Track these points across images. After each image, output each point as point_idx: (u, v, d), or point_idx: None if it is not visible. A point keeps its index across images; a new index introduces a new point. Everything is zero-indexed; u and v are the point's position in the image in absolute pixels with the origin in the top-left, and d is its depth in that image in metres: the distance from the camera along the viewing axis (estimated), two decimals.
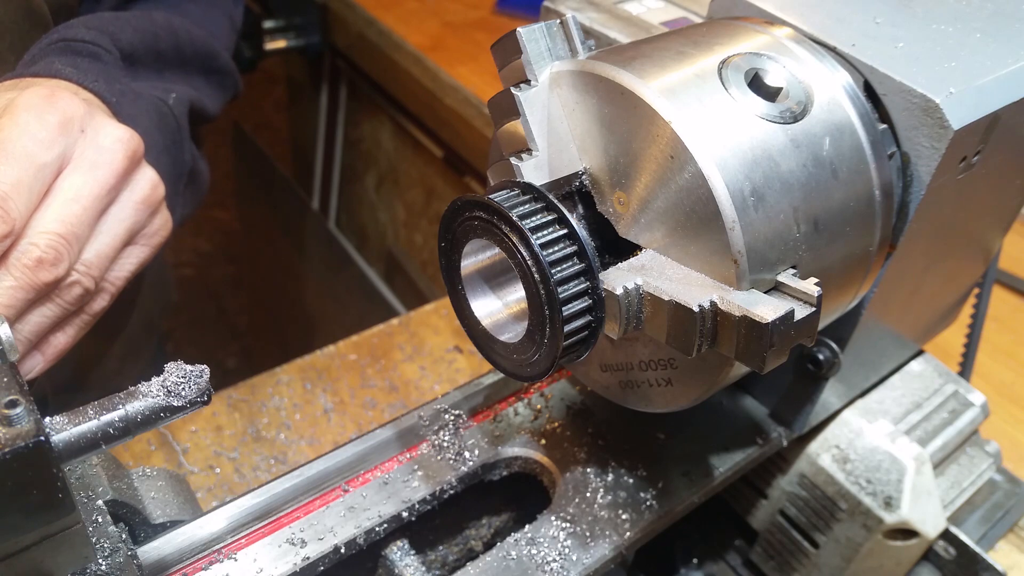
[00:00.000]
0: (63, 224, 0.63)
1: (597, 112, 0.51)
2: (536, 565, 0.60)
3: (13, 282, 0.60)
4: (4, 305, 0.60)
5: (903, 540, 0.72)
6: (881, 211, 0.54)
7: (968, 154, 0.56)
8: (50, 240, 0.62)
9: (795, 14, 0.58)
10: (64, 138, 0.64)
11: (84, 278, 0.66)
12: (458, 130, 1.73)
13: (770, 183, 0.48)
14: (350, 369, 1.13)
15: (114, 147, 0.67)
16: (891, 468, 0.70)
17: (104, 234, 0.67)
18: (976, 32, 0.59)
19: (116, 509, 0.57)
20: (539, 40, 0.53)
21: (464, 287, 0.55)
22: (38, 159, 0.62)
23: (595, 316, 0.49)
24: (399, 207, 2.15)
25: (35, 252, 0.61)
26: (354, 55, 2.09)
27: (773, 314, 0.43)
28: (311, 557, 0.57)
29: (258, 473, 0.98)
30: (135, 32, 0.84)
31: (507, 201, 0.49)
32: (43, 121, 0.63)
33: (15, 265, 0.61)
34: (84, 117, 0.66)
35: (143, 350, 1.19)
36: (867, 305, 0.62)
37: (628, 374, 0.58)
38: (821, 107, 0.52)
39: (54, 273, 0.62)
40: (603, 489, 0.65)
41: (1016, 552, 0.88)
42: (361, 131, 2.26)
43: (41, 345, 0.67)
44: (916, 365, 0.79)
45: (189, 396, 0.46)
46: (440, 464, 0.65)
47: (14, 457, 0.39)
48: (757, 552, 0.82)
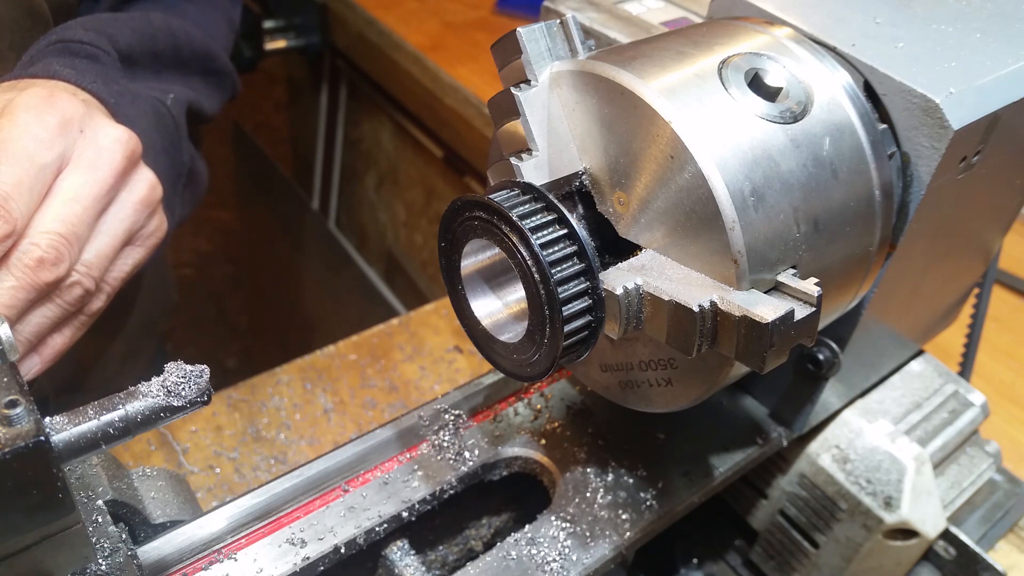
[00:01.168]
0: (64, 224, 0.63)
1: (597, 112, 0.51)
2: (536, 565, 0.60)
3: (14, 282, 0.60)
4: (5, 305, 0.60)
5: (903, 540, 0.72)
6: (881, 211, 0.54)
7: (968, 154, 0.56)
8: (51, 240, 0.62)
9: (795, 14, 0.58)
10: (63, 139, 0.64)
11: (84, 278, 0.66)
12: (458, 130, 1.73)
13: (770, 183, 0.48)
14: (350, 369, 1.13)
15: (113, 148, 0.67)
16: (891, 468, 0.70)
17: (103, 234, 0.67)
18: (976, 32, 0.59)
19: (116, 509, 0.57)
20: (539, 40, 0.53)
21: (464, 287, 0.55)
22: (38, 159, 0.62)
23: (595, 316, 0.49)
24: (399, 207, 2.15)
25: (36, 252, 0.61)
26: (354, 55, 2.09)
27: (773, 314, 0.43)
28: (311, 557, 0.57)
29: (258, 473, 0.98)
30: (133, 33, 0.84)
31: (507, 201, 0.49)
32: (42, 122, 0.63)
33: (16, 265, 0.60)
34: (83, 118, 0.66)
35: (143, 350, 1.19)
36: (867, 305, 0.62)
37: (628, 374, 0.58)
38: (821, 107, 0.52)
39: (55, 273, 0.62)
40: (603, 489, 0.65)
41: (1016, 552, 0.88)
42: (361, 131, 2.26)
43: (39, 346, 0.67)
44: (916, 365, 0.79)
45: (189, 396, 0.46)
46: (440, 464, 0.65)
47: (14, 457, 0.39)
48: (757, 552, 0.82)
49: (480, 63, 1.78)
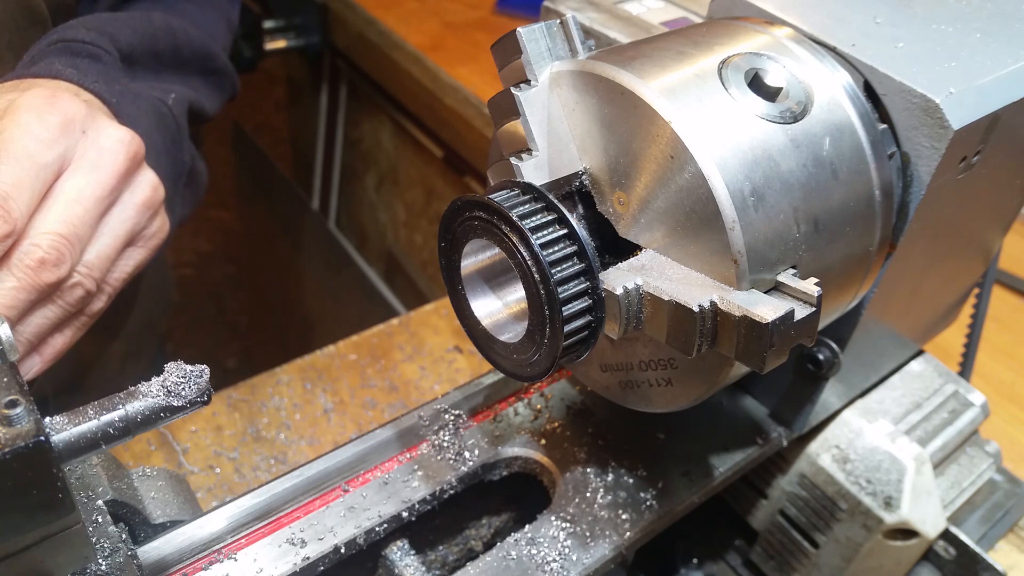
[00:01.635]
0: (65, 225, 0.63)
1: (597, 112, 0.51)
2: (536, 565, 0.60)
3: (15, 283, 0.60)
4: (6, 306, 0.60)
5: (903, 540, 0.72)
6: (881, 211, 0.54)
7: (968, 154, 0.57)
8: (52, 241, 0.62)
9: (795, 14, 0.58)
10: (65, 139, 0.64)
11: (86, 279, 0.66)
12: (458, 130, 1.73)
13: (770, 183, 0.48)
14: (350, 369, 1.13)
15: (115, 148, 0.67)
16: (891, 468, 0.70)
17: (105, 236, 0.67)
18: (976, 32, 0.59)
19: (116, 509, 0.57)
20: (539, 40, 0.53)
21: (464, 287, 0.55)
22: (39, 159, 0.62)
23: (595, 316, 0.49)
24: (399, 207, 2.15)
25: (38, 253, 0.61)
26: (354, 55, 2.09)
27: (773, 314, 0.43)
28: (311, 557, 0.57)
29: (258, 473, 0.98)
30: (134, 33, 0.84)
31: (507, 201, 0.49)
32: (44, 122, 0.63)
33: (17, 266, 0.60)
34: (85, 118, 0.66)
35: (143, 350, 1.19)
36: (867, 305, 0.62)
37: (628, 374, 0.58)
38: (821, 107, 0.52)
39: (56, 274, 0.62)
40: (603, 489, 0.65)
41: (1016, 552, 0.88)
42: (361, 131, 2.26)
43: (40, 346, 0.67)
44: (916, 365, 0.79)
45: (189, 396, 0.46)
46: (440, 464, 0.65)
47: (14, 457, 0.39)
48: (757, 552, 0.82)
49: (480, 63, 1.78)
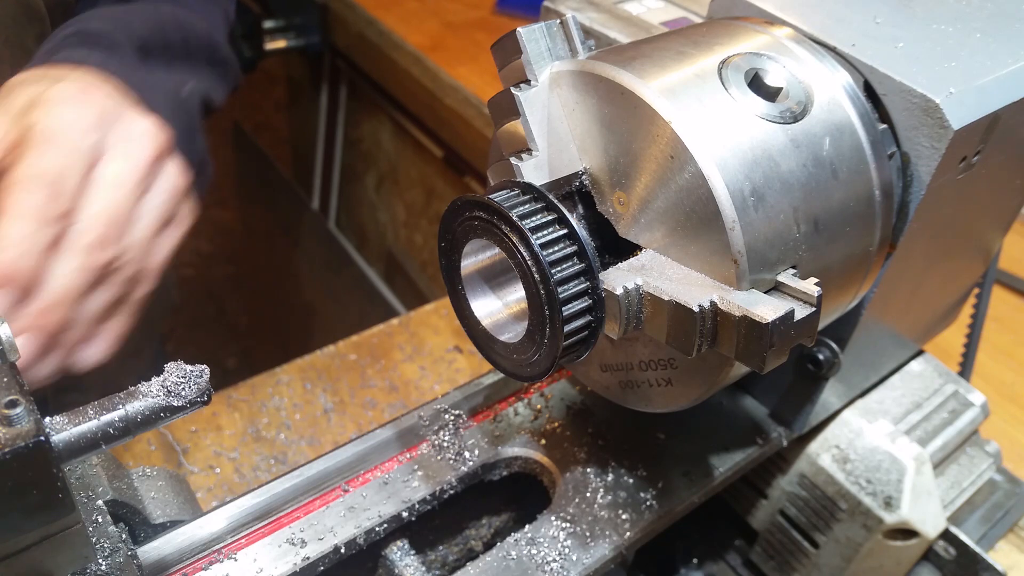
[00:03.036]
0: (110, 208, 0.64)
1: (597, 112, 0.51)
2: (536, 565, 0.60)
3: (77, 263, 0.62)
4: (74, 287, 0.62)
5: (903, 540, 0.72)
6: (881, 211, 0.54)
7: (968, 154, 0.56)
8: (101, 222, 0.63)
9: (795, 14, 0.58)
10: (100, 129, 0.65)
11: (131, 262, 0.67)
12: (458, 130, 1.73)
13: (770, 183, 0.48)
14: (350, 369, 1.13)
15: (146, 136, 0.68)
16: (891, 468, 0.70)
17: (143, 219, 0.69)
18: (976, 32, 0.59)
19: (116, 509, 0.57)
20: (539, 40, 0.53)
21: (464, 287, 0.55)
22: (81, 146, 0.63)
23: (595, 316, 0.49)
24: (399, 207, 2.15)
25: (91, 234, 0.62)
26: (354, 55, 2.09)
27: (773, 314, 0.43)
28: (311, 557, 0.57)
29: (258, 473, 0.98)
30: (144, 24, 0.84)
31: (507, 201, 0.49)
32: (79, 112, 0.64)
33: (73, 248, 0.62)
34: (115, 108, 0.67)
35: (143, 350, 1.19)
36: (867, 305, 0.62)
37: (628, 374, 0.58)
38: (821, 107, 0.52)
39: (108, 255, 0.64)
40: (603, 489, 0.65)
41: (1016, 552, 0.88)
42: (361, 131, 2.26)
43: (100, 331, 0.68)
44: (916, 365, 0.79)
45: (189, 396, 0.46)
46: (440, 464, 0.65)
47: (14, 457, 0.39)
48: (757, 552, 0.82)
49: (480, 63, 1.78)
